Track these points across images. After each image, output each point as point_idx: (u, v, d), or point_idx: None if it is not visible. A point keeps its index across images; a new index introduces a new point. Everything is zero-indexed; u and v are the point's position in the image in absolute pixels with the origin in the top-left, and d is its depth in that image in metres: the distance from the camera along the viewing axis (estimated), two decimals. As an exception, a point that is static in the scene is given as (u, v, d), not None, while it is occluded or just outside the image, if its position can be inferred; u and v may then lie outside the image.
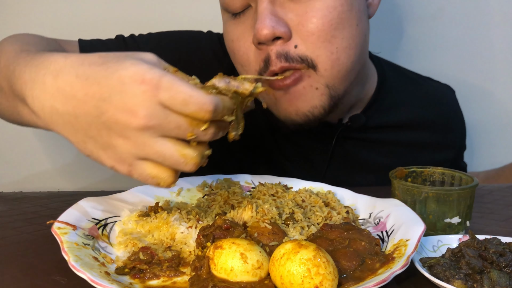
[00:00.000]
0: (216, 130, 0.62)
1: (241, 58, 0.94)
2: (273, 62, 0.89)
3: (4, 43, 0.86)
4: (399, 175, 0.85)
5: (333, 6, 0.88)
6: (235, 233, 0.68)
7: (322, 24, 0.88)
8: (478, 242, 0.67)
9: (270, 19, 0.86)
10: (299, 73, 0.90)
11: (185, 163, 0.61)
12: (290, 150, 1.13)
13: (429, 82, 1.27)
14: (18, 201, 0.93)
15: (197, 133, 0.60)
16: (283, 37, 0.88)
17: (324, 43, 0.89)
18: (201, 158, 0.63)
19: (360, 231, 0.71)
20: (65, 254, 0.61)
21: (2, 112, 0.85)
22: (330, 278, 0.56)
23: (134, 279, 0.63)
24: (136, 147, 0.60)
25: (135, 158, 0.61)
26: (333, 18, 0.88)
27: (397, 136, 1.15)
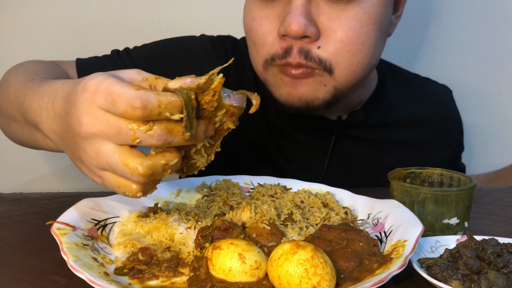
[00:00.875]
0: (163, 131, 0.58)
1: (257, 38, 0.95)
2: (293, 54, 0.91)
3: (10, 75, 0.91)
4: (397, 176, 0.85)
5: (365, 22, 0.91)
6: (234, 234, 0.68)
7: (352, 36, 0.90)
8: (475, 243, 0.67)
9: (304, 17, 0.88)
10: (312, 73, 0.92)
11: (130, 173, 0.58)
12: (289, 148, 1.13)
13: (427, 82, 1.28)
14: (17, 202, 0.93)
15: (140, 135, 0.57)
16: (311, 37, 0.89)
17: (348, 53, 0.91)
18: (151, 169, 0.58)
19: (358, 232, 0.71)
20: (64, 255, 0.62)
21: (21, 140, 0.90)
22: (328, 279, 0.56)
23: (133, 280, 0.64)
24: (93, 157, 0.60)
25: (98, 169, 0.61)
26: (362, 32, 0.91)
27: (395, 135, 1.16)
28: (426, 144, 1.18)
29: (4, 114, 0.91)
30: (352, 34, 0.90)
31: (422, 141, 1.18)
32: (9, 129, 0.92)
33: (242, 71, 1.13)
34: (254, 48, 0.97)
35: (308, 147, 1.12)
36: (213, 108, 0.60)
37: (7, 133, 0.96)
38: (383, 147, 1.15)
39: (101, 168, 0.60)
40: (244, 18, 0.99)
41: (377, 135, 1.15)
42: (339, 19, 0.90)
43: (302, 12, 0.87)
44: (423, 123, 1.19)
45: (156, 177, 0.60)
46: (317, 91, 0.94)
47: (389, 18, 0.98)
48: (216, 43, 1.15)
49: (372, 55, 0.95)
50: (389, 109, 1.15)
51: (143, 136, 0.57)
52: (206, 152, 0.66)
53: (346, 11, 0.90)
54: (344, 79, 0.94)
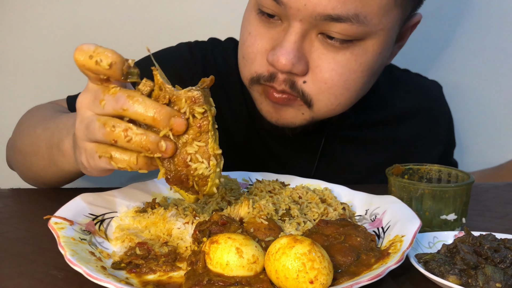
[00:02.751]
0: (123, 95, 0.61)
1: (248, 54, 0.95)
2: (278, 82, 0.92)
3: (29, 118, 1.01)
4: (395, 172, 0.85)
5: (354, 70, 0.90)
6: (231, 229, 0.68)
7: (338, 80, 0.90)
8: (473, 238, 0.67)
9: (294, 55, 0.87)
10: (294, 99, 0.93)
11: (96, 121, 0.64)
12: (278, 149, 1.13)
13: (417, 78, 1.28)
14: (15, 197, 0.93)
15: (106, 99, 0.62)
16: (298, 74, 0.90)
17: (331, 95, 0.92)
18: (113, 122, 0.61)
19: (356, 227, 0.72)
20: (62, 249, 0.62)
21: (38, 172, 0.95)
22: (325, 273, 0.56)
23: (130, 274, 0.64)
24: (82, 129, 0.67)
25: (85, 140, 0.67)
26: (349, 79, 0.91)
27: (385, 133, 1.16)
28: (416, 141, 1.19)
29: (25, 153, 0.96)
30: (338, 79, 0.90)
31: (412, 138, 1.18)
32: (29, 166, 0.96)
33: (225, 73, 1.13)
34: (243, 61, 0.97)
35: (297, 148, 1.12)
36: (167, 101, 0.63)
37: (26, 170, 1.00)
38: (373, 146, 1.15)
39: (82, 131, 0.65)
40: (241, 29, 0.99)
41: (367, 134, 1.15)
42: (329, 61, 0.89)
43: (293, 50, 0.87)
44: (412, 120, 1.19)
45: (116, 137, 0.61)
46: (294, 117, 0.97)
47: (385, 59, 0.98)
48: (194, 49, 1.15)
49: (356, 97, 0.97)
50: (378, 108, 1.15)
51: (107, 96, 0.62)
52: (203, 158, 0.64)
53: (338, 54, 0.89)
54: (323, 114, 0.96)
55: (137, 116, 0.61)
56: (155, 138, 0.61)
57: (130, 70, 0.62)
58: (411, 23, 0.99)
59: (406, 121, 1.18)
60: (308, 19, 0.85)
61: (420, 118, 1.20)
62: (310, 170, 1.11)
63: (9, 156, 1.06)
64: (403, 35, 1.01)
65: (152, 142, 0.61)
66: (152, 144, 0.61)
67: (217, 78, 1.11)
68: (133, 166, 0.63)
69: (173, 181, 0.64)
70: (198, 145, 0.63)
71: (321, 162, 1.12)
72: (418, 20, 1.00)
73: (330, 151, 1.12)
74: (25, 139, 0.96)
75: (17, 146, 0.99)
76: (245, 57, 0.96)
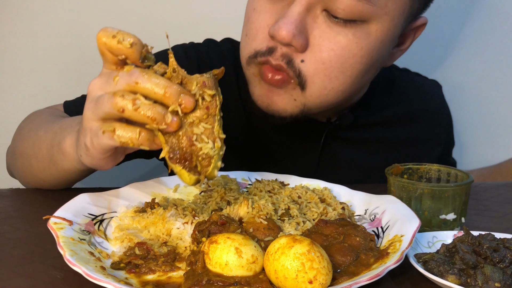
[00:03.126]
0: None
1: (251, 30, 0.93)
2: (275, 56, 0.89)
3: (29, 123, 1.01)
4: (395, 172, 0.85)
5: (353, 53, 0.88)
6: (231, 229, 0.68)
7: (335, 62, 0.88)
8: (472, 238, 0.67)
9: (295, 27, 0.85)
10: (288, 81, 0.91)
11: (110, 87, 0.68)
12: (277, 151, 1.13)
13: (416, 78, 1.28)
14: (14, 198, 0.93)
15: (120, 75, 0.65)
16: (297, 48, 0.88)
17: (325, 77, 0.90)
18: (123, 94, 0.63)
19: (355, 227, 0.72)
20: (61, 249, 0.62)
21: (37, 174, 0.94)
22: (324, 273, 0.56)
23: (129, 274, 0.64)
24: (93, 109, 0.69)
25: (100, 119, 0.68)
26: (346, 62, 0.89)
27: (384, 133, 1.15)
28: (416, 141, 1.18)
29: (25, 156, 0.96)
30: (335, 60, 0.88)
31: (412, 138, 1.18)
32: (29, 168, 0.96)
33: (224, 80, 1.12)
34: (245, 39, 0.95)
35: (297, 149, 1.12)
36: (179, 81, 0.66)
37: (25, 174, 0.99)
38: (372, 147, 1.15)
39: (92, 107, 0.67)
40: (247, 6, 0.97)
41: (366, 135, 1.14)
42: (330, 40, 0.87)
43: (295, 21, 0.85)
44: (411, 121, 1.18)
45: (124, 106, 0.63)
46: (286, 104, 0.94)
47: (386, 53, 0.96)
48: (189, 51, 1.14)
49: (350, 85, 0.93)
50: (378, 109, 1.14)
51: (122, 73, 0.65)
52: (208, 139, 0.65)
53: (340, 34, 0.87)
54: (314, 100, 0.93)
55: (148, 90, 0.63)
56: (162, 109, 0.63)
57: (148, 54, 0.67)
58: (415, 25, 0.98)
59: (406, 122, 1.18)
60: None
61: (420, 118, 1.19)
62: (309, 170, 1.11)
63: (9, 164, 1.06)
64: (405, 36, 1.00)
65: (159, 112, 0.63)
66: (159, 114, 0.63)
67: None
68: (135, 141, 0.65)
69: (176, 159, 0.65)
70: (204, 127, 0.66)
71: (321, 163, 1.12)
72: (422, 23, 0.99)
73: (330, 151, 1.12)
74: (26, 143, 0.96)
75: (17, 150, 0.99)
76: (248, 33, 0.94)
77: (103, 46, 0.66)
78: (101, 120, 0.67)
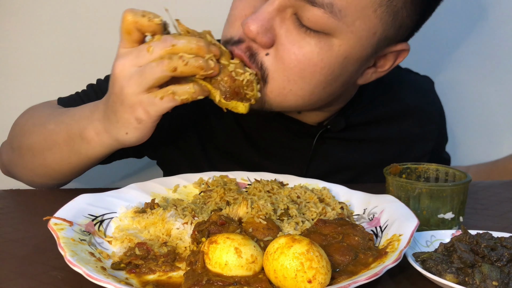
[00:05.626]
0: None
1: (230, 16, 0.94)
2: (240, 47, 0.89)
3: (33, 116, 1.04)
4: (393, 172, 0.86)
5: (313, 63, 0.88)
6: (230, 229, 0.69)
7: (295, 66, 0.87)
8: (470, 237, 0.68)
9: (262, 24, 0.86)
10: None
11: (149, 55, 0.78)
12: (269, 151, 1.12)
13: (407, 74, 1.27)
14: (15, 198, 0.94)
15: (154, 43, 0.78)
16: (261, 45, 0.88)
17: (284, 77, 0.89)
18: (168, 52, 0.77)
19: (354, 226, 0.72)
20: (62, 250, 0.62)
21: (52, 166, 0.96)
22: (323, 272, 0.57)
23: (130, 274, 0.64)
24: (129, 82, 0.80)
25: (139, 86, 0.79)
26: (305, 69, 0.88)
27: (376, 132, 1.15)
28: (407, 138, 1.18)
29: (36, 150, 0.96)
30: (295, 64, 0.88)
31: (403, 136, 1.18)
32: (42, 162, 0.97)
33: None
34: (226, 24, 0.96)
35: (288, 150, 1.12)
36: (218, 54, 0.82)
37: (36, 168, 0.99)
38: (365, 146, 1.15)
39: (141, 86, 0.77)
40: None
41: (358, 135, 1.15)
42: (293, 43, 0.87)
43: (263, 19, 0.86)
44: (403, 118, 1.18)
45: (173, 64, 0.76)
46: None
47: (353, 70, 0.94)
48: None
49: (310, 92, 0.92)
50: (368, 108, 1.14)
51: (154, 41, 0.78)
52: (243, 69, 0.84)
53: (303, 40, 0.87)
54: (275, 98, 0.92)
55: (185, 48, 0.77)
56: (204, 59, 0.78)
57: (166, 25, 0.81)
58: (393, 49, 0.96)
59: (398, 120, 1.17)
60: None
61: (411, 116, 1.19)
62: (301, 171, 1.11)
63: (8, 161, 1.06)
64: (383, 61, 0.98)
65: (204, 61, 0.78)
66: (204, 62, 0.78)
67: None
68: (192, 94, 0.79)
69: (230, 96, 0.83)
70: (234, 63, 0.83)
71: (313, 163, 1.12)
72: (402, 49, 0.96)
73: (321, 152, 1.12)
74: (35, 137, 0.97)
75: (23, 146, 0.99)
76: (228, 19, 0.95)
77: (132, 25, 0.78)
78: (149, 90, 0.78)
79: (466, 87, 1.61)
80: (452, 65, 1.59)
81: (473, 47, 1.58)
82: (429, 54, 1.58)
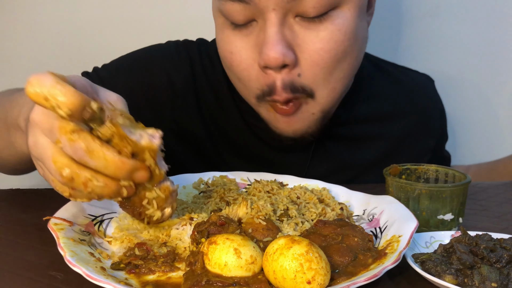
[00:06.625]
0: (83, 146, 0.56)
1: (241, 73, 0.94)
2: (278, 91, 0.90)
3: None
4: (393, 173, 0.86)
5: (341, 40, 0.89)
6: (230, 229, 0.69)
7: (329, 57, 0.89)
8: (469, 238, 0.68)
9: (281, 46, 0.85)
10: (299, 102, 0.93)
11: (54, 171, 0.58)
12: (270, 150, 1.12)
13: (407, 73, 1.27)
14: (14, 198, 0.94)
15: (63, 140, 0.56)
16: (290, 65, 0.88)
17: (325, 74, 0.91)
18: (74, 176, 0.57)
19: (354, 227, 0.72)
20: (61, 250, 0.62)
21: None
22: (323, 273, 0.57)
23: (129, 274, 0.64)
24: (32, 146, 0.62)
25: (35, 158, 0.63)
26: (338, 52, 0.89)
27: (375, 129, 1.16)
28: (407, 135, 1.18)
29: None
30: (328, 56, 0.88)
31: (403, 133, 1.18)
32: None
33: (213, 75, 1.12)
34: (240, 82, 0.96)
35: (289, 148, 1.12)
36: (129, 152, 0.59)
37: None
38: (365, 142, 1.15)
39: (37, 158, 0.61)
40: (221, 52, 0.97)
41: (358, 130, 1.15)
42: (314, 41, 0.87)
43: (278, 41, 0.85)
44: (403, 115, 1.18)
45: (75, 186, 0.58)
46: (308, 122, 0.97)
47: (365, 23, 0.96)
48: (181, 47, 1.14)
49: (349, 67, 0.94)
50: (368, 102, 1.14)
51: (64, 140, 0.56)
52: (159, 205, 0.65)
53: (320, 31, 0.87)
54: (326, 99, 0.95)
55: (98, 169, 0.57)
56: (116, 187, 0.59)
57: (95, 113, 0.56)
58: None
59: (397, 118, 1.18)
60: (281, 4, 0.84)
61: (412, 113, 1.19)
62: (303, 169, 1.11)
63: None
64: (370, 3, 0.99)
65: (113, 191, 0.59)
66: (113, 193, 0.60)
67: (205, 79, 1.12)
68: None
69: (127, 211, 0.67)
70: (157, 193, 0.64)
71: (314, 161, 1.12)
72: None
73: (323, 149, 1.12)
74: None
75: None
76: (241, 78, 0.94)
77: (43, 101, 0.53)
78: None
79: (466, 86, 1.61)
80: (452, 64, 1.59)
81: (473, 46, 1.58)
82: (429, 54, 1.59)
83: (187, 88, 1.10)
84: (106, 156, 0.57)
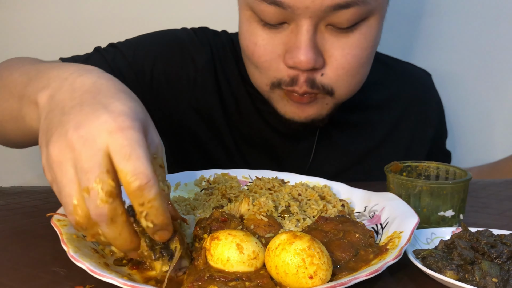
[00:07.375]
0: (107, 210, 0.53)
1: (261, 63, 0.96)
2: (299, 84, 0.94)
3: (11, 62, 0.85)
4: (394, 170, 0.86)
5: (365, 47, 0.94)
6: (232, 225, 0.69)
7: (355, 62, 0.93)
8: (470, 234, 0.68)
9: (313, 52, 0.89)
10: (316, 96, 0.97)
11: (67, 209, 0.55)
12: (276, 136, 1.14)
13: (405, 65, 1.31)
14: (17, 196, 0.94)
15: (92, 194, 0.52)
16: (318, 68, 0.92)
17: (348, 77, 0.95)
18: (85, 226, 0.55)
19: (355, 224, 0.72)
20: (65, 245, 0.62)
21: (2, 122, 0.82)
22: (324, 268, 0.57)
23: (132, 270, 0.64)
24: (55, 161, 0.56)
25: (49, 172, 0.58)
26: (363, 57, 0.94)
27: (373, 117, 1.19)
28: (406, 120, 1.21)
29: None
30: (354, 60, 0.93)
31: (401, 118, 1.21)
32: None
33: (226, 65, 1.15)
34: (257, 70, 0.99)
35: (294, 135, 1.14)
36: None
37: None
38: (365, 130, 1.18)
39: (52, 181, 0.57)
40: (243, 41, 0.98)
41: (358, 118, 1.17)
42: (343, 47, 0.92)
43: (310, 47, 0.89)
44: (400, 101, 1.22)
45: (86, 233, 0.57)
46: (320, 110, 1.00)
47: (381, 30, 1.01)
48: (198, 32, 1.17)
49: (368, 71, 1.00)
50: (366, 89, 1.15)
51: (94, 195, 0.52)
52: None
53: (349, 38, 0.92)
54: (343, 97, 1.00)
55: (106, 236, 0.57)
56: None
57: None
58: None
59: (397, 103, 1.21)
60: (317, 14, 0.87)
61: (409, 100, 1.23)
62: (308, 156, 1.13)
63: None
64: None
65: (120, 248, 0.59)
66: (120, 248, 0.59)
67: (221, 70, 1.15)
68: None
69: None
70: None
71: (318, 147, 1.15)
72: None
73: (327, 136, 1.15)
74: None
75: None
76: (259, 66, 0.97)
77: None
78: None
79: (466, 86, 1.61)
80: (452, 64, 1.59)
81: (472, 46, 1.59)
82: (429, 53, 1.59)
83: (207, 68, 1.14)
84: (122, 234, 0.56)
